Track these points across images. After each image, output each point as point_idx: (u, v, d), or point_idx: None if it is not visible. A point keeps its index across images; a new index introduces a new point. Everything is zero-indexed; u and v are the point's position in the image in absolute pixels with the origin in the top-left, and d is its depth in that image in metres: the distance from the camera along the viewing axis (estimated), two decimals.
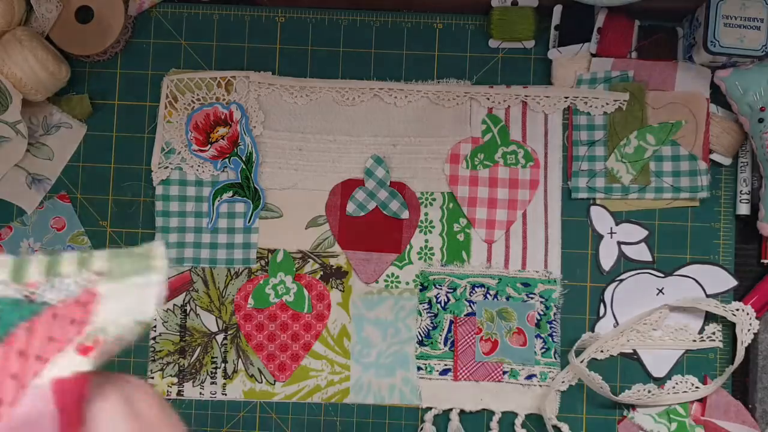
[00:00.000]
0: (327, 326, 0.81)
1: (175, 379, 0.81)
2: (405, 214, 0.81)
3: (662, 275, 0.81)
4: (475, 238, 0.81)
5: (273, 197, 0.82)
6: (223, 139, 0.81)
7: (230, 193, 0.81)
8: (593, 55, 0.80)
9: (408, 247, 0.81)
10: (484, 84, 0.82)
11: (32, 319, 0.40)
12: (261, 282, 0.81)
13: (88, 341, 0.40)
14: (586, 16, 0.80)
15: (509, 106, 0.81)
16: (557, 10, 0.80)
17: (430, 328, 0.80)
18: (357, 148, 0.82)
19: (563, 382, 0.79)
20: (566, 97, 0.81)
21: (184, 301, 0.81)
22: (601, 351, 0.80)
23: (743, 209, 0.80)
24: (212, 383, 0.81)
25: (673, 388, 0.79)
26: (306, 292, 0.81)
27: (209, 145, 0.81)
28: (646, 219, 0.81)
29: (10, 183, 0.81)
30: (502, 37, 0.81)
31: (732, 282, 0.80)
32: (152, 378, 0.80)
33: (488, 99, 0.81)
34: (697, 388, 0.79)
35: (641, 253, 0.81)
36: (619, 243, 0.81)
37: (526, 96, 0.81)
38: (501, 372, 0.80)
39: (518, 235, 0.81)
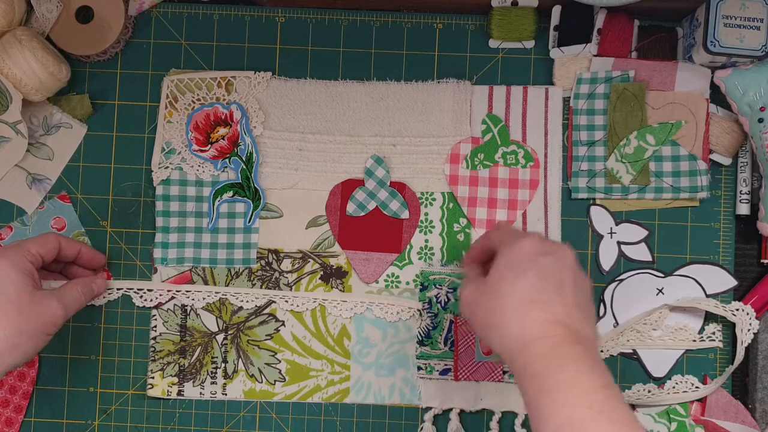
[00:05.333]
0: (327, 326, 0.81)
1: (175, 379, 0.81)
2: (405, 214, 0.81)
3: (662, 275, 0.81)
4: (476, 237, 0.81)
5: (273, 197, 0.82)
6: (223, 139, 0.81)
7: (230, 193, 0.81)
8: (594, 55, 0.80)
9: (408, 247, 0.81)
10: (484, 84, 0.82)
11: None
12: None
13: None
14: (586, 16, 0.80)
15: (509, 106, 0.81)
16: (556, 10, 0.80)
17: (430, 328, 0.80)
18: (357, 148, 0.82)
19: None
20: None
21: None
22: (601, 351, 0.80)
23: (743, 209, 0.80)
24: (212, 383, 0.81)
25: (673, 388, 0.79)
26: None
27: (209, 145, 0.81)
28: (646, 219, 0.81)
29: (10, 183, 0.81)
30: (502, 37, 0.81)
31: (732, 282, 0.80)
32: (152, 378, 0.81)
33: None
34: (697, 388, 0.79)
35: (641, 253, 0.81)
36: (619, 243, 0.81)
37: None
38: (501, 372, 0.80)
39: None
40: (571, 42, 0.80)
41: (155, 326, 0.81)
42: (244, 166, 0.81)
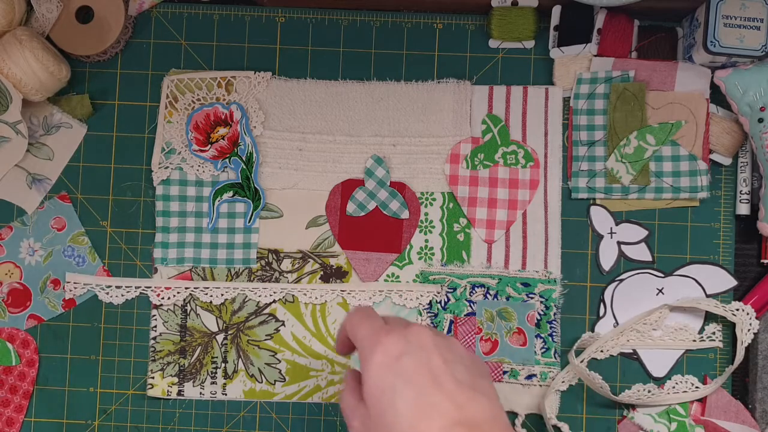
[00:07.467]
0: (327, 326, 0.81)
1: (175, 379, 0.81)
2: (405, 214, 0.81)
3: (662, 275, 0.81)
4: (475, 238, 0.81)
5: (273, 197, 0.82)
6: (223, 139, 0.81)
7: (230, 193, 0.81)
8: (594, 55, 0.80)
9: (408, 247, 0.81)
10: (484, 84, 0.82)
11: None
12: None
13: None
14: (586, 16, 0.80)
15: (509, 106, 0.81)
16: (556, 10, 0.80)
17: None
18: (357, 148, 0.82)
19: (563, 382, 0.79)
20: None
21: (184, 301, 0.81)
22: (601, 351, 0.80)
23: (743, 209, 0.80)
24: (212, 383, 0.81)
25: (673, 388, 0.79)
26: (9, 345, 0.80)
27: (209, 145, 0.81)
28: (646, 219, 0.81)
29: (10, 183, 0.81)
30: (502, 37, 0.81)
31: (732, 282, 0.80)
32: (152, 378, 0.81)
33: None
34: (697, 388, 0.79)
35: (641, 253, 0.81)
36: (619, 243, 0.81)
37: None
38: (501, 372, 0.80)
39: (518, 235, 0.81)
40: (571, 42, 0.80)
41: (155, 326, 0.81)
42: (244, 166, 0.81)
